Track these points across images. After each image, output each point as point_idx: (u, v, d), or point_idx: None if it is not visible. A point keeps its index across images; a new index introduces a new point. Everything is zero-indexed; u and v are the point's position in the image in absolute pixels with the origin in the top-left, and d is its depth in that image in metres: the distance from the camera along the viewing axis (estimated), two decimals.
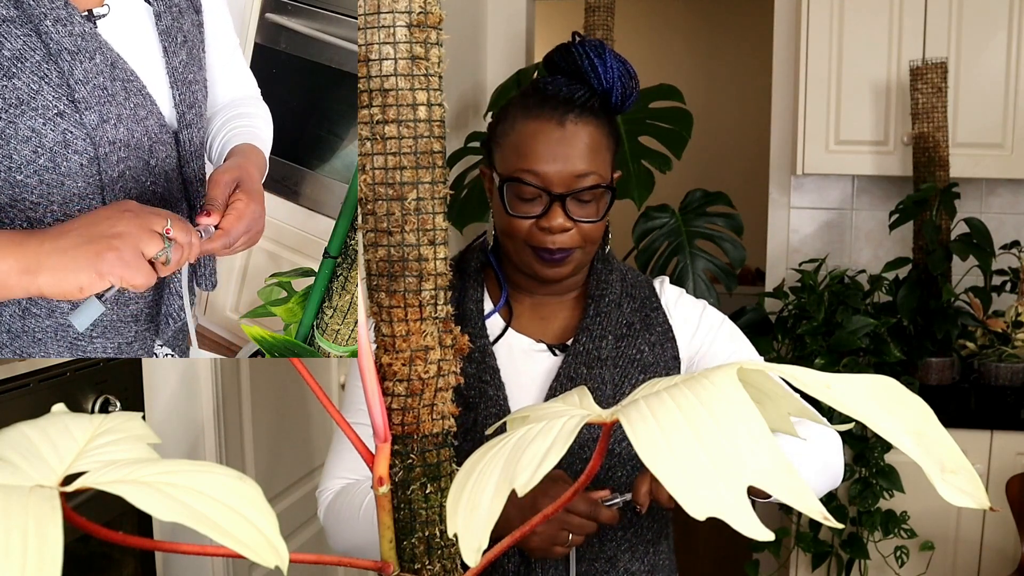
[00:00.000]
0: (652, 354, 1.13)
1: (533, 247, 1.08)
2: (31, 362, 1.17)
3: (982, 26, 2.46)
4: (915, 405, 0.43)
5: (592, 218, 1.07)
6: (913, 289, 2.40)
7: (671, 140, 2.26)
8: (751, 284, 4.18)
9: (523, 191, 1.05)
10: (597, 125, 1.07)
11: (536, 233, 1.06)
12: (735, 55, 5.06)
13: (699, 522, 0.39)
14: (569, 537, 0.97)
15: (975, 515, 2.30)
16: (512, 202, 1.07)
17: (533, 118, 1.06)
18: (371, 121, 0.58)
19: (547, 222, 1.05)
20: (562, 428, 0.44)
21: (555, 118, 1.05)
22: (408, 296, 0.59)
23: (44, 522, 0.34)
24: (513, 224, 1.07)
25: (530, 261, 1.09)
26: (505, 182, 1.06)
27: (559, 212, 1.05)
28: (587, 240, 1.08)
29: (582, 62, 1.05)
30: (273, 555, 0.39)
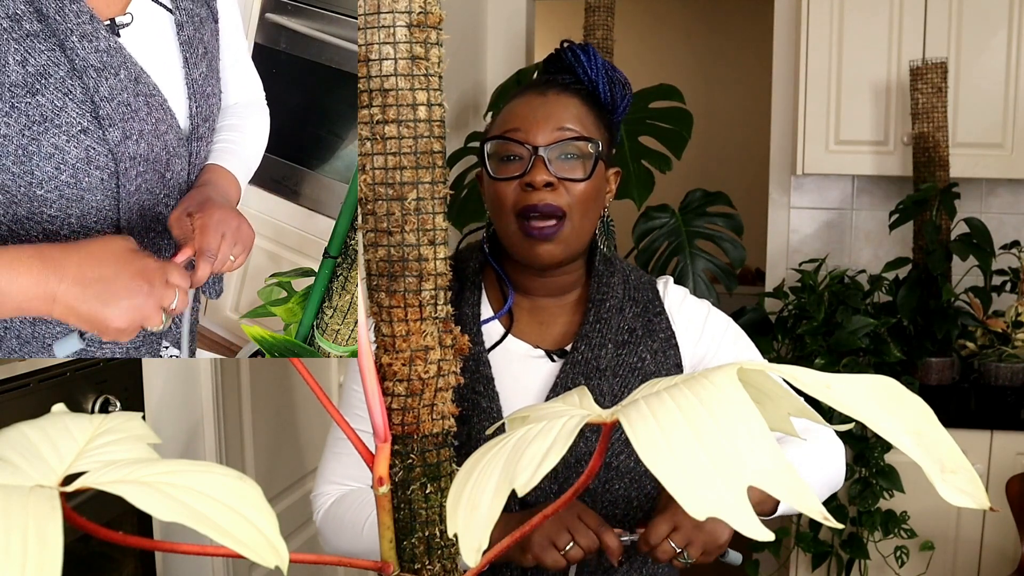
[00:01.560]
0: (654, 362, 1.10)
1: (521, 218, 1.04)
2: (31, 362, 1.17)
3: (982, 26, 2.46)
4: (915, 405, 0.43)
5: (577, 176, 1.04)
6: (913, 289, 2.40)
7: (671, 140, 2.26)
8: (751, 284, 4.17)
9: (506, 148, 1.05)
10: (582, 101, 1.07)
11: (522, 195, 1.03)
12: (735, 55, 5.05)
13: None
14: (569, 545, 0.95)
15: (975, 515, 2.30)
16: (496, 166, 1.06)
17: (518, 96, 1.09)
18: (371, 121, 0.58)
19: (530, 177, 1.02)
20: (562, 428, 0.44)
21: (538, 91, 1.07)
22: (408, 296, 0.59)
23: (44, 522, 0.34)
24: (500, 190, 1.05)
25: (520, 241, 1.05)
26: (489, 143, 1.06)
27: (541, 167, 1.02)
28: (576, 204, 1.04)
29: (566, 56, 1.08)
30: (273, 555, 0.39)
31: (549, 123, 1.04)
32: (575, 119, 1.05)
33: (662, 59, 5.19)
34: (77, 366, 1.25)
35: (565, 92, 1.07)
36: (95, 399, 1.29)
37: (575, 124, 1.05)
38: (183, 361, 1.52)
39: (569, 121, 1.05)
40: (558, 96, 1.06)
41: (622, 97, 1.09)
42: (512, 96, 1.11)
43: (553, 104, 1.05)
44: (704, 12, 5.18)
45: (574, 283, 1.14)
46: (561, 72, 1.10)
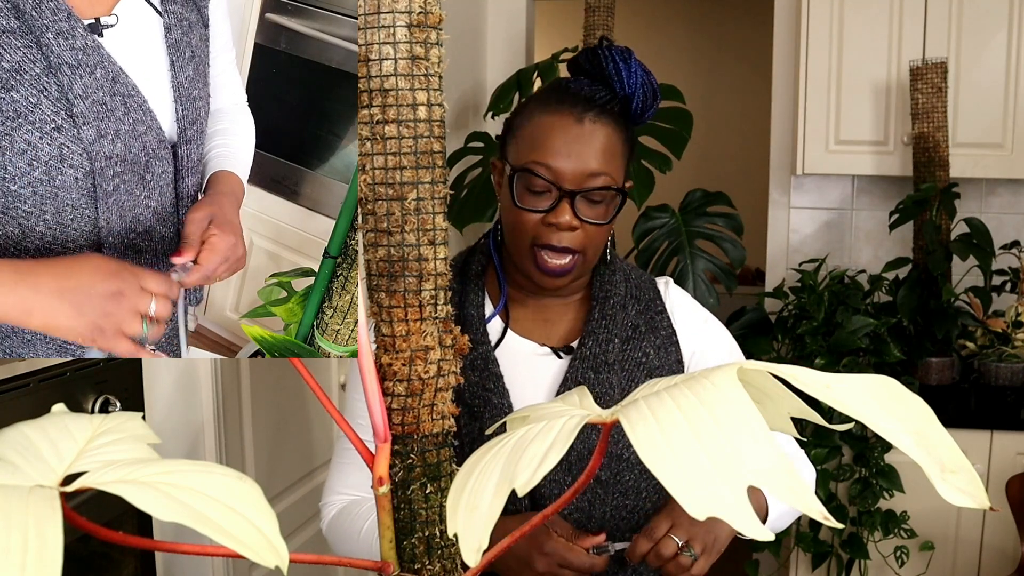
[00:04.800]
0: (657, 357, 1.12)
1: (536, 247, 1.05)
2: (31, 362, 1.17)
3: (982, 26, 2.46)
4: (915, 405, 0.43)
5: (600, 220, 1.05)
6: (913, 289, 2.40)
7: (671, 140, 2.26)
8: (751, 284, 4.17)
9: (533, 183, 1.03)
10: (615, 129, 1.05)
11: (542, 230, 1.04)
12: (735, 55, 5.06)
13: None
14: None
15: (975, 515, 2.30)
16: (521, 194, 1.05)
17: (551, 112, 1.04)
18: (371, 121, 0.58)
19: (554, 218, 1.03)
20: (562, 428, 0.44)
21: (574, 114, 1.03)
22: (408, 296, 0.59)
23: (44, 522, 0.34)
24: (520, 218, 1.05)
25: (530, 268, 1.07)
26: (516, 172, 1.04)
27: (567, 209, 1.03)
28: (590, 244, 1.06)
29: (607, 64, 1.03)
30: (273, 555, 0.39)
31: (581, 165, 1.02)
32: (607, 157, 1.03)
33: (662, 59, 5.19)
34: (77, 366, 1.25)
35: (600, 118, 1.03)
36: (95, 399, 1.29)
37: (605, 166, 1.03)
38: (183, 361, 1.52)
39: (601, 162, 1.03)
40: (593, 126, 1.03)
41: (651, 107, 1.07)
42: (542, 103, 1.06)
43: (588, 138, 1.03)
44: (704, 12, 5.18)
45: (577, 284, 1.16)
46: (595, 77, 1.05)
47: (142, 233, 1.04)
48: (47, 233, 0.93)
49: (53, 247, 0.95)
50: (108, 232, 0.99)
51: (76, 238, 0.96)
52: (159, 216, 1.06)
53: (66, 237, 0.95)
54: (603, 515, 1.07)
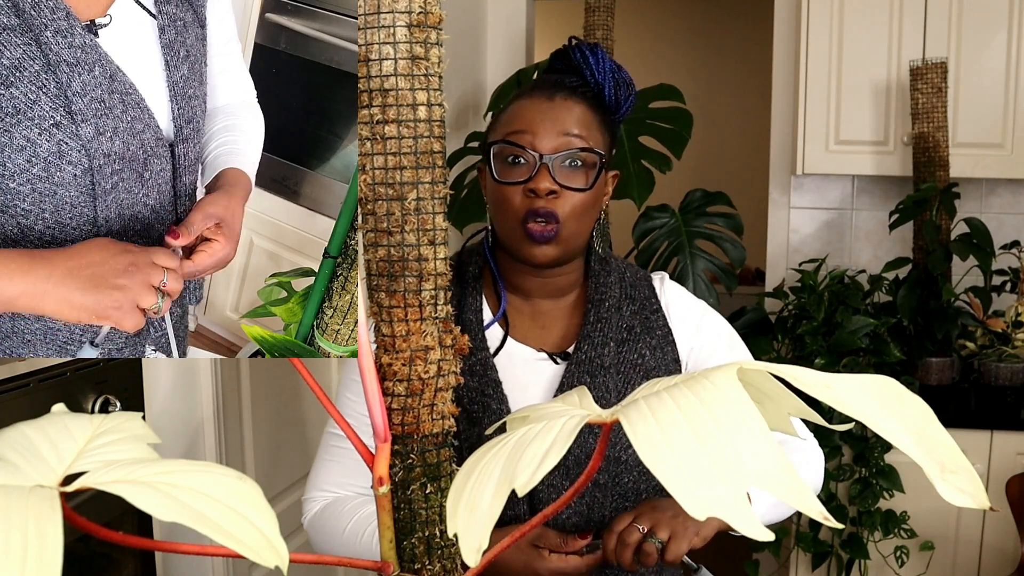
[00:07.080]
0: (653, 358, 1.12)
1: (524, 224, 1.05)
2: (31, 362, 1.17)
3: (982, 26, 2.46)
4: (915, 405, 0.43)
5: (579, 186, 1.05)
6: (913, 289, 2.40)
7: (671, 140, 2.26)
8: (751, 284, 4.17)
9: (510, 151, 1.05)
10: (588, 107, 1.07)
11: (526, 201, 1.04)
12: (735, 55, 5.06)
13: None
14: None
15: (975, 515, 2.30)
16: (501, 168, 1.06)
17: (524, 97, 1.08)
18: (371, 121, 0.58)
19: (534, 184, 1.03)
20: (562, 428, 0.44)
21: (545, 94, 1.07)
22: (408, 296, 0.59)
23: (44, 522, 0.34)
24: (504, 194, 1.05)
25: (520, 241, 1.06)
26: (494, 147, 1.06)
27: (546, 174, 1.03)
28: (573, 213, 1.05)
29: (575, 55, 1.08)
30: (273, 555, 0.39)
31: (555, 129, 1.04)
32: (581, 125, 1.05)
33: (662, 59, 5.19)
34: (77, 366, 1.25)
35: (572, 97, 1.07)
36: (95, 399, 1.29)
37: (581, 131, 1.05)
38: (183, 361, 1.52)
39: (575, 128, 1.05)
40: (564, 101, 1.06)
41: (626, 98, 1.10)
42: (517, 95, 1.10)
43: (559, 109, 1.05)
44: (704, 12, 5.18)
45: (572, 284, 1.15)
46: (568, 72, 1.09)
47: (140, 231, 1.04)
48: (46, 231, 0.94)
49: (52, 246, 0.95)
50: (107, 230, 0.99)
51: (75, 236, 0.96)
52: (157, 214, 1.06)
53: (65, 235, 0.95)
54: (602, 518, 1.07)
